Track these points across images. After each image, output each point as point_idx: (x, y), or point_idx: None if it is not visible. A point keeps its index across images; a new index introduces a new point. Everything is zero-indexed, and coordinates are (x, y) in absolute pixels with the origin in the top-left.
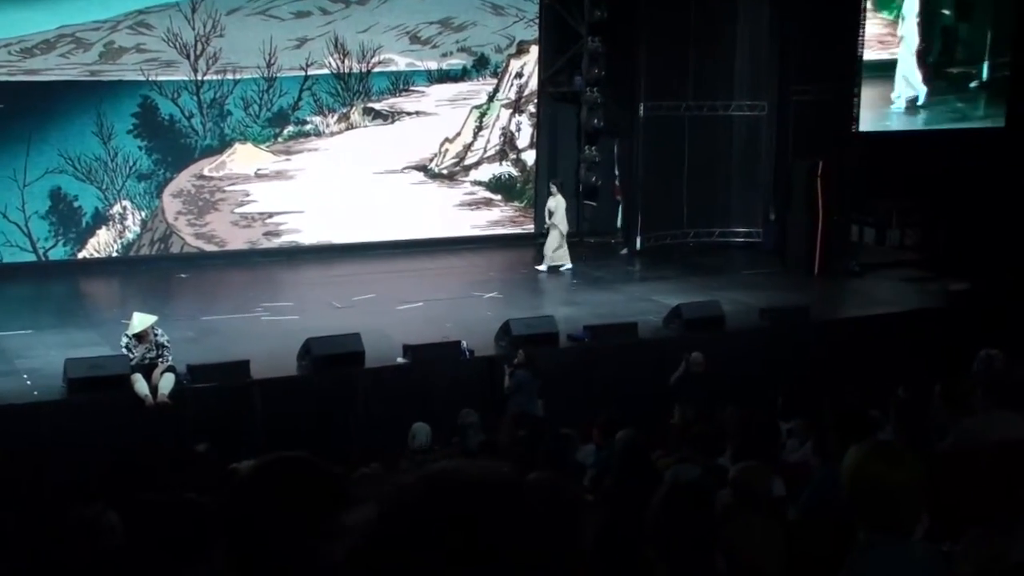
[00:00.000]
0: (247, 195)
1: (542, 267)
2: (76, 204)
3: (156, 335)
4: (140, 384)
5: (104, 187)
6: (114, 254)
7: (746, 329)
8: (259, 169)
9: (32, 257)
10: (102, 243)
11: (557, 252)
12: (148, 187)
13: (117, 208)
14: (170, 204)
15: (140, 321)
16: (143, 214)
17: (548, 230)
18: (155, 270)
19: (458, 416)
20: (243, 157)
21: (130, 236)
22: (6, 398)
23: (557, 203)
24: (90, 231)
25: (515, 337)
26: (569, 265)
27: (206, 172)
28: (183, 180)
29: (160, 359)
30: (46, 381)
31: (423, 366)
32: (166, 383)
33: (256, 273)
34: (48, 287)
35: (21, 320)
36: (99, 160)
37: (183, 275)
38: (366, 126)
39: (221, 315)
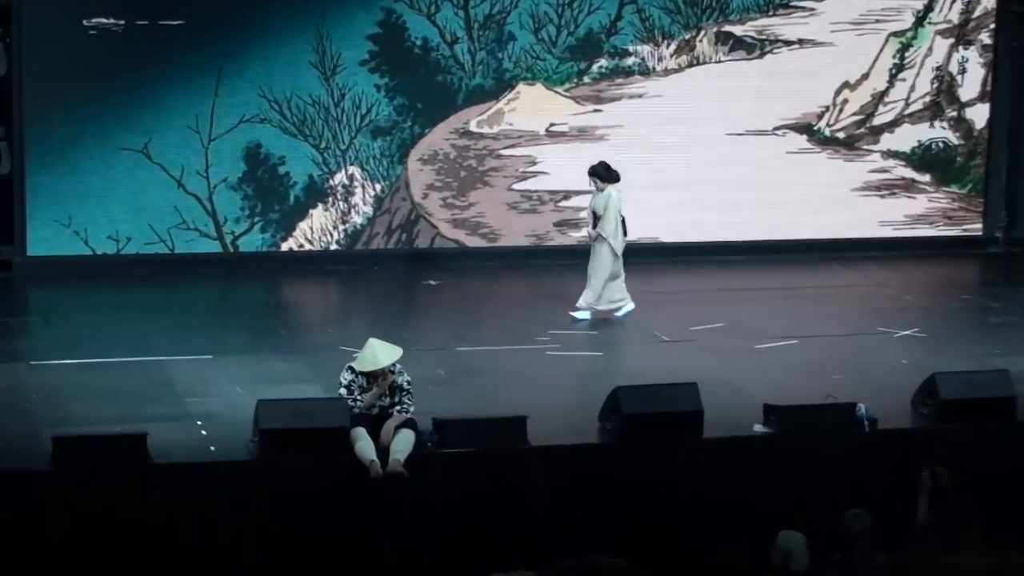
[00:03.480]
0: (533, 163)
1: (579, 311)
2: (282, 170)
3: (393, 371)
4: (364, 443)
5: (323, 145)
6: (334, 246)
7: None
8: (553, 124)
9: (216, 247)
10: (317, 229)
11: (609, 284)
12: (387, 147)
13: (341, 177)
14: (419, 174)
15: (378, 354)
16: (379, 187)
17: (592, 246)
18: (392, 272)
19: (842, 519)
20: (530, 105)
21: (358, 220)
22: (171, 453)
23: (607, 201)
24: (301, 211)
25: (945, 402)
26: (626, 307)
27: (473, 127)
28: (438, 138)
29: (396, 408)
30: (229, 431)
31: (794, 439)
32: (402, 444)
33: (542, 283)
34: (237, 292)
35: (197, 339)
36: (317, 104)
37: (432, 282)
38: (719, 61)
39: (486, 345)
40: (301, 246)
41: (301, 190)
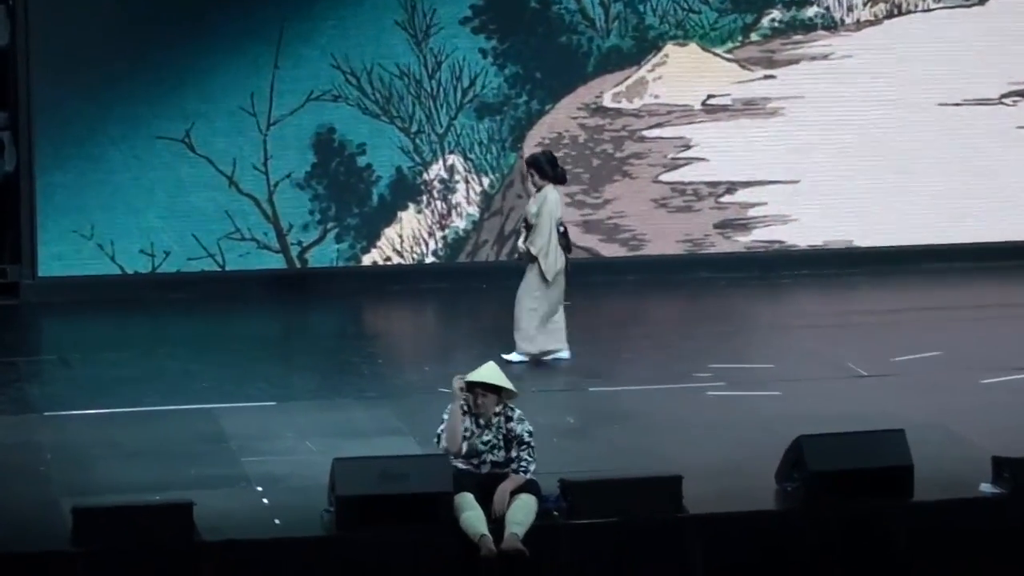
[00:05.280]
0: (686, 147)
1: (512, 355)
2: (362, 161)
3: (509, 416)
4: (473, 513)
5: (414, 129)
6: (429, 259)
7: None
8: (711, 96)
9: (279, 261)
10: (408, 237)
11: (542, 321)
12: (495, 129)
13: (438, 170)
14: None
15: (489, 370)
16: (486, 182)
17: (524, 264)
18: (505, 292)
19: None
20: (681, 72)
21: (461, 225)
22: (224, 527)
23: (541, 205)
24: (386, 214)
25: None
26: (559, 353)
27: (608, 101)
28: (563, 116)
29: (514, 466)
30: (297, 499)
31: None
32: (521, 513)
33: (700, 302)
34: (306, 319)
35: (256, 382)
36: (406, 76)
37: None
38: (928, 9)
39: (628, 384)
40: (387, 259)
41: (387, 187)
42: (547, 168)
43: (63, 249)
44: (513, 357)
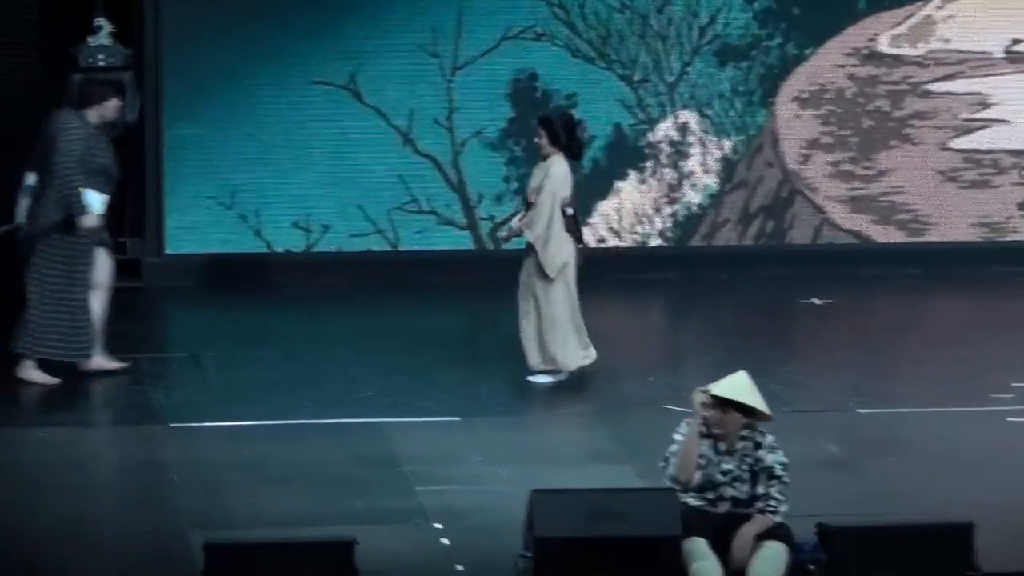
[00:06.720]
0: (983, 105)
1: (536, 376)
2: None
3: (758, 442)
4: (706, 564)
5: (637, 78)
6: (655, 240)
7: None
8: (1017, 42)
9: (465, 240)
10: (629, 213)
11: (549, 330)
12: (741, 79)
13: (667, 129)
14: (794, 123)
15: (739, 383)
16: (728, 146)
17: (526, 252)
18: (751, 284)
19: None
20: (978, 9)
21: (695, 200)
22: (394, 572)
23: (544, 179)
24: (602, 183)
25: None
26: (561, 372)
27: (884, 46)
28: (826, 64)
29: (760, 505)
30: (484, 539)
31: None
32: (768, 565)
33: (1001, 302)
34: (498, 311)
35: (434, 391)
36: (627, 9)
37: (817, 300)
38: None
39: (907, 405)
40: (601, 241)
41: (601, 150)
42: (560, 133)
43: (195, 220)
44: (540, 379)
